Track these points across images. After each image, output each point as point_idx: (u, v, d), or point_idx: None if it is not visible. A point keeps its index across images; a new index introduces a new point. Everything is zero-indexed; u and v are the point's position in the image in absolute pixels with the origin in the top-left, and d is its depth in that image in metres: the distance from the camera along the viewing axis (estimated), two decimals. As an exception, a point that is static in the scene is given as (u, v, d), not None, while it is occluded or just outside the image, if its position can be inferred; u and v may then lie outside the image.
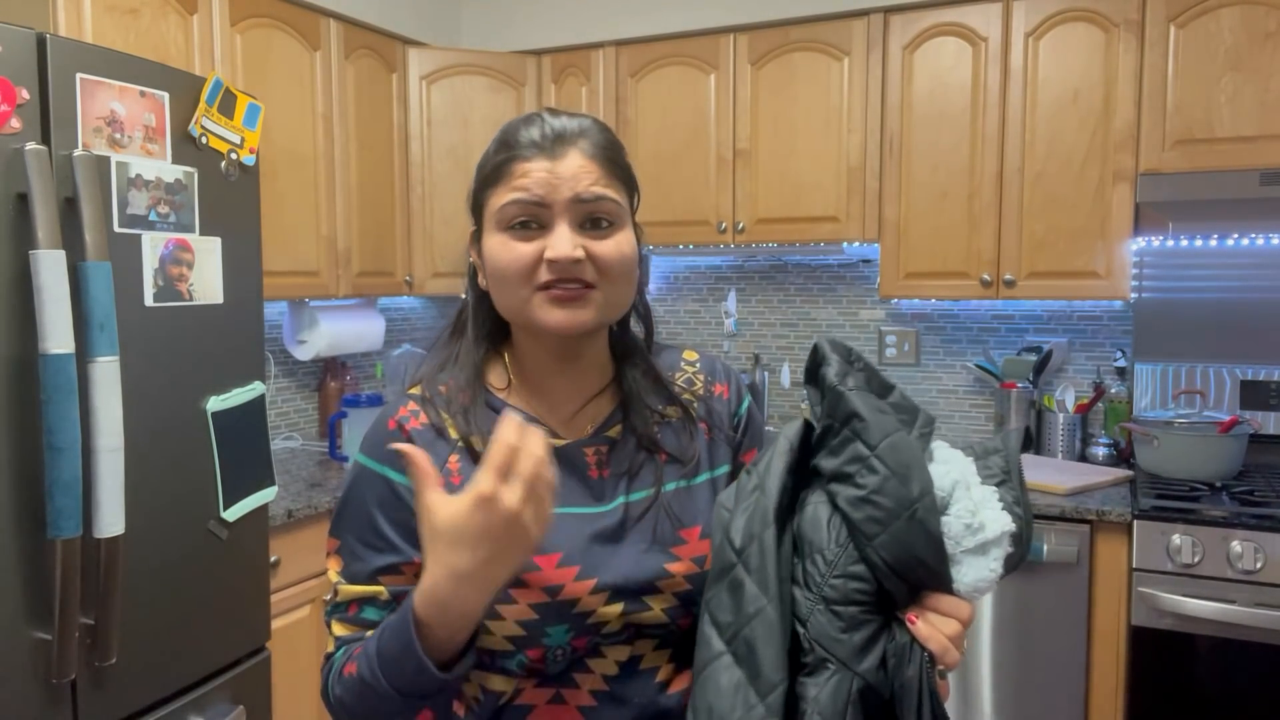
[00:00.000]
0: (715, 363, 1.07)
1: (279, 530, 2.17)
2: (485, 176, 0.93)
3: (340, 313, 2.97)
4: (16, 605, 1.50)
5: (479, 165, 0.95)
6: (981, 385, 2.99)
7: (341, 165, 2.73)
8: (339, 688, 0.89)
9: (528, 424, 0.75)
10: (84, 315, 1.52)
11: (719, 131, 2.91)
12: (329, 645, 0.95)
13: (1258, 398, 2.58)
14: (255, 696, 2.00)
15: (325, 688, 0.93)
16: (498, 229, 0.91)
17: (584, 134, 0.91)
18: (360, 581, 0.92)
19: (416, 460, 0.78)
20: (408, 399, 0.97)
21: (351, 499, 0.94)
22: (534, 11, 3.12)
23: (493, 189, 0.92)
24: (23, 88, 1.48)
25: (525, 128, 0.92)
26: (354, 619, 0.92)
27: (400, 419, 0.94)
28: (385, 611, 0.91)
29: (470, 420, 0.93)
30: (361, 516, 0.93)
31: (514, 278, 0.89)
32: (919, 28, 2.66)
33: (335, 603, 0.94)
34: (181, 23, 2.21)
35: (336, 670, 0.90)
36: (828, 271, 3.17)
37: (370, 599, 0.92)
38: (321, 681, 0.94)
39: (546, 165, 0.89)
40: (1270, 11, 2.32)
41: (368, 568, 0.92)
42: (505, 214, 0.90)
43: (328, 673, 0.92)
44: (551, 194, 0.89)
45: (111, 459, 1.55)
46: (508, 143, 0.92)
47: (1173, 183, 2.40)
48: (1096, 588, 2.27)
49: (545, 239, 0.89)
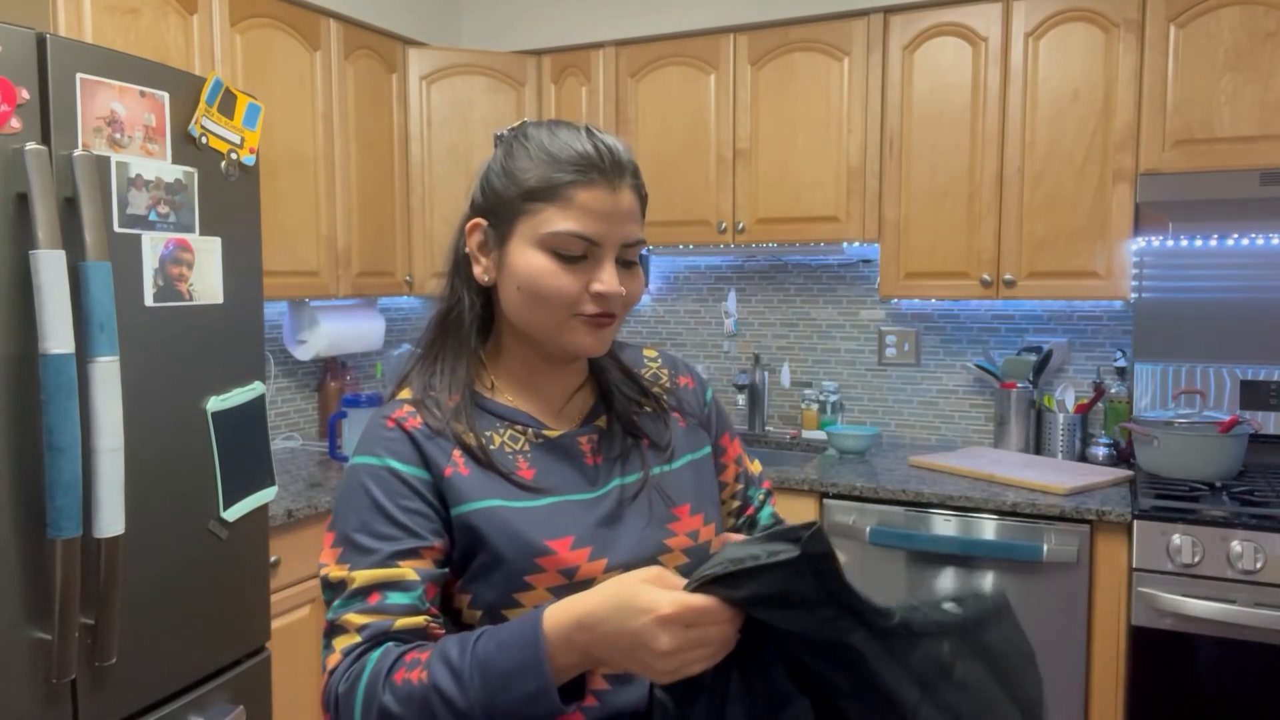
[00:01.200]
0: (674, 358, 1.15)
1: (279, 530, 2.17)
2: (534, 189, 0.93)
3: (340, 313, 2.97)
4: (16, 605, 1.50)
5: (514, 171, 0.95)
6: (981, 385, 2.99)
7: (341, 165, 2.73)
8: (387, 695, 0.82)
9: None
10: (84, 315, 1.52)
11: (719, 131, 2.91)
12: (339, 641, 0.88)
13: (1258, 398, 2.58)
14: (255, 696, 2.00)
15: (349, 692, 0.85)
16: (543, 249, 0.93)
17: (632, 168, 0.96)
18: (377, 568, 0.89)
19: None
20: (400, 403, 0.98)
21: (354, 495, 0.93)
22: (534, 11, 3.12)
23: (543, 205, 0.92)
24: (23, 88, 1.48)
25: (575, 141, 0.93)
26: (377, 606, 0.87)
27: (399, 419, 0.96)
28: (414, 597, 0.88)
29: (465, 420, 0.96)
30: (368, 509, 0.91)
31: (558, 303, 0.93)
32: (919, 28, 2.66)
33: (350, 593, 0.88)
34: (181, 23, 2.21)
35: (380, 674, 0.84)
36: (828, 271, 3.17)
37: (394, 583, 0.88)
38: (341, 683, 0.86)
39: (608, 197, 0.92)
40: (1270, 11, 2.32)
41: (382, 554, 0.89)
42: (560, 240, 0.92)
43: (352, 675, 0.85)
44: (608, 235, 0.92)
45: (111, 459, 1.55)
46: (561, 159, 0.92)
47: (1173, 183, 2.41)
48: (1096, 588, 2.27)
49: (590, 270, 0.93)
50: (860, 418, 3.15)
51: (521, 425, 0.99)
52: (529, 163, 0.94)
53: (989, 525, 2.35)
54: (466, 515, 0.92)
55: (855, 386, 3.16)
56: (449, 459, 0.93)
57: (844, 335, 3.16)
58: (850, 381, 3.16)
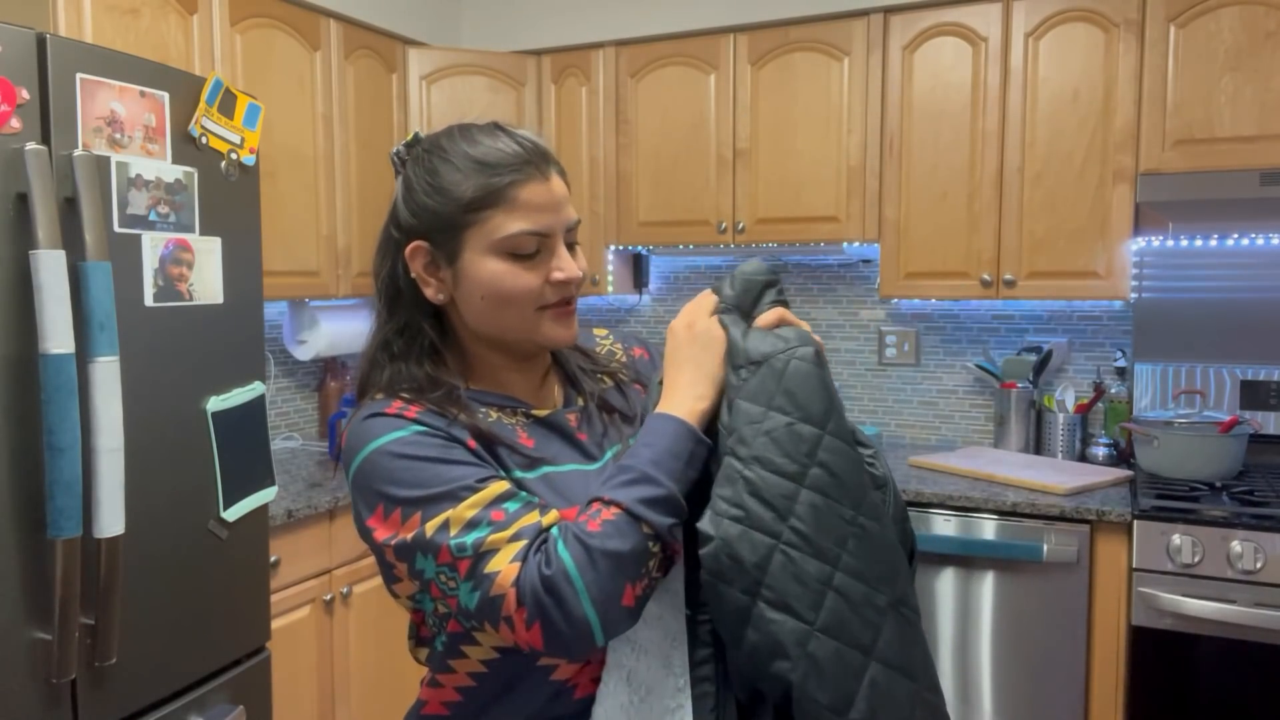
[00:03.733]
0: (624, 333, 1.20)
1: (279, 530, 2.17)
2: (474, 199, 0.92)
3: (340, 313, 2.97)
4: (16, 605, 1.50)
5: (445, 186, 0.93)
6: (981, 385, 2.99)
7: (341, 165, 2.73)
8: (598, 540, 0.82)
9: None
10: (84, 315, 1.52)
11: (719, 131, 2.91)
12: (498, 559, 0.83)
13: (1258, 398, 2.58)
14: (255, 696, 2.00)
15: (557, 569, 0.82)
16: (498, 254, 0.93)
17: (551, 152, 0.98)
18: (470, 495, 0.86)
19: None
20: (387, 400, 0.94)
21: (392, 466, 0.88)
22: (534, 11, 3.12)
23: (489, 211, 0.92)
24: (23, 88, 1.48)
25: (497, 144, 0.94)
26: (509, 519, 0.86)
27: (398, 408, 0.92)
28: (528, 505, 0.87)
29: (457, 404, 0.94)
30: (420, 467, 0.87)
31: (524, 301, 0.94)
32: (919, 28, 2.66)
33: (464, 524, 0.85)
34: (181, 23, 2.21)
35: (576, 535, 0.83)
36: (828, 271, 3.17)
37: (499, 497, 0.87)
38: (539, 569, 0.82)
39: (545, 189, 0.94)
40: (1270, 11, 2.32)
41: (465, 483, 0.87)
42: (515, 242, 0.93)
43: (547, 556, 0.83)
44: (555, 224, 0.95)
45: (111, 459, 1.55)
46: (488, 163, 0.92)
47: (1173, 183, 2.41)
48: (1096, 588, 2.27)
49: (545, 262, 0.95)
50: (860, 418, 3.15)
51: (510, 407, 1.00)
52: (458, 175, 0.93)
53: (989, 525, 2.35)
54: None
55: (855, 386, 3.16)
56: (464, 432, 0.92)
57: (844, 335, 3.16)
58: (850, 381, 3.16)
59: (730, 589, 0.81)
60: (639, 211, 3.03)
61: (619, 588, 0.83)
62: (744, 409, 0.85)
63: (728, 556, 0.81)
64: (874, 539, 0.85)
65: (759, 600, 0.80)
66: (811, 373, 0.86)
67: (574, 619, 0.82)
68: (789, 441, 0.83)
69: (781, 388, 0.85)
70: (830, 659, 0.80)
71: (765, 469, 0.82)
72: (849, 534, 0.83)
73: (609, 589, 0.82)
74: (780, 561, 0.81)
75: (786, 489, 0.82)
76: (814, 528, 0.82)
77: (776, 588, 0.80)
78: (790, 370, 0.85)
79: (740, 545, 0.81)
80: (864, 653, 0.82)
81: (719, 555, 0.81)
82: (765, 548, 0.81)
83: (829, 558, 0.82)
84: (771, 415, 0.84)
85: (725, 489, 0.83)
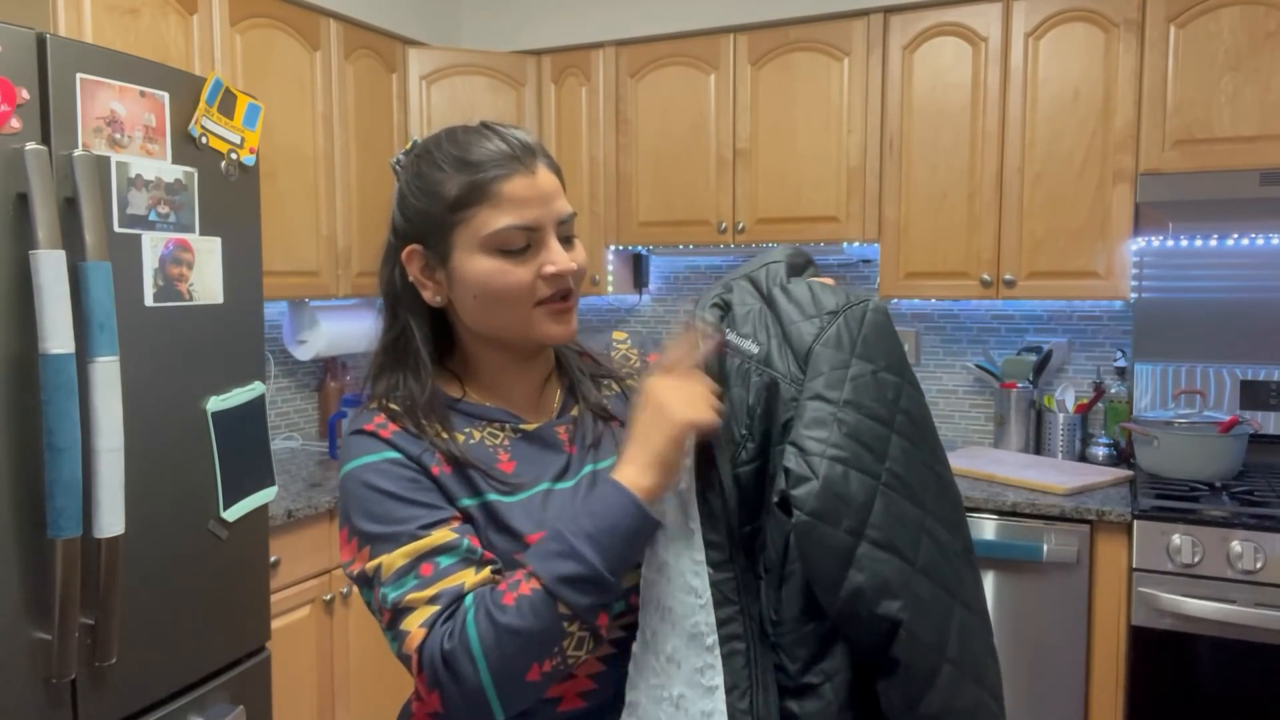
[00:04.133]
0: (643, 337, 1.17)
1: (279, 530, 2.17)
2: (458, 198, 0.92)
3: (340, 313, 2.97)
4: (16, 605, 1.50)
5: (431, 187, 0.94)
6: (981, 385, 2.99)
7: (341, 165, 2.73)
8: (506, 617, 0.82)
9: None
10: (84, 315, 1.52)
11: (719, 131, 2.91)
12: (411, 620, 0.85)
13: (1258, 398, 2.58)
14: (255, 696, 2.00)
15: (460, 642, 0.83)
16: (487, 251, 0.92)
17: (540, 146, 0.96)
18: (409, 543, 0.87)
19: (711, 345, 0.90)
20: (374, 413, 0.96)
21: (360, 493, 0.91)
22: (534, 11, 3.12)
23: (474, 208, 0.92)
24: (23, 88, 1.48)
25: (482, 141, 0.94)
26: (435, 576, 0.86)
27: (376, 425, 0.95)
28: (463, 552, 0.87)
29: (440, 423, 0.95)
30: (380, 500, 0.90)
31: (517, 298, 0.93)
32: (919, 28, 2.66)
33: (395, 573, 0.86)
34: (181, 23, 2.21)
35: (487, 607, 0.83)
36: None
37: (435, 549, 0.87)
38: (442, 643, 0.83)
39: (530, 182, 0.93)
40: (1270, 11, 2.32)
41: (409, 531, 0.88)
42: (502, 238, 0.92)
43: (454, 629, 0.83)
44: (542, 217, 0.93)
45: (111, 459, 1.55)
46: (471, 161, 0.92)
47: (1173, 183, 2.40)
48: (1096, 588, 2.27)
49: (536, 257, 0.93)
50: (860, 418, 3.15)
51: (500, 422, 1.00)
52: (443, 174, 0.93)
53: (989, 525, 2.35)
54: (462, 510, 0.93)
55: (855, 386, 3.15)
56: (434, 459, 0.93)
57: (844, 335, 3.16)
58: (850, 381, 3.16)
59: (834, 530, 0.80)
60: (639, 211, 3.03)
61: (523, 667, 0.83)
62: (826, 355, 0.85)
63: (835, 496, 0.80)
64: (947, 487, 0.87)
65: (863, 540, 0.80)
66: (886, 324, 0.88)
67: (470, 693, 0.82)
68: (875, 388, 0.84)
69: (861, 336, 0.86)
70: (930, 599, 0.81)
71: (860, 412, 0.82)
72: (930, 479, 0.85)
73: (512, 668, 0.82)
74: (883, 502, 0.81)
75: (880, 432, 0.83)
76: (906, 470, 0.83)
77: (882, 527, 0.80)
78: (868, 320, 0.87)
79: (847, 484, 0.80)
80: (950, 594, 0.83)
81: (825, 494, 0.80)
82: (869, 488, 0.81)
83: (919, 501, 0.83)
84: (856, 362, 0.84)
85: (817, 431, 0.82)
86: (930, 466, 0.85)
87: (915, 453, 0.84)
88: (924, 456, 0.85)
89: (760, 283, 0.94)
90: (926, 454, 0.85)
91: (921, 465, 0.84)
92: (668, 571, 0.89)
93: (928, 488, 0.84)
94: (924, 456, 0.85)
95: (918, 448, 0.84)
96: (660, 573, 0.90)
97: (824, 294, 0.89)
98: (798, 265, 0.96)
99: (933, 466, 0.86)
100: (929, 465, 0.85)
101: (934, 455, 0.87)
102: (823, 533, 0.80)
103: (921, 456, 0.85)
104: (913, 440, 0.84)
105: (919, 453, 0.84)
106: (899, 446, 0.83)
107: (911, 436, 0.84)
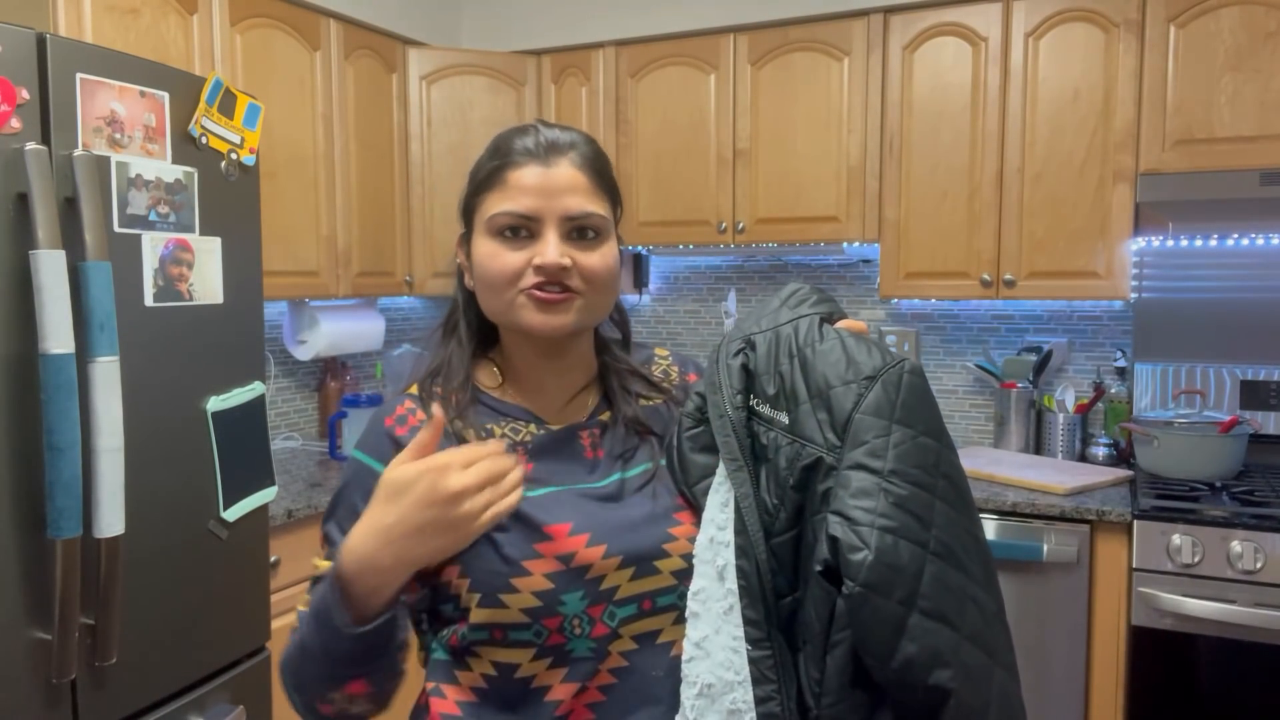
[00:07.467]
0: (684, 356, 1.17)
1: (279, 530, 2.17)
2: (479, 182, 0.98)
3: (340, 313, 2.97)
4: (16, 605, 1.50)
5: (472, 172, 1.00)
6: (981, 385, 2.99)
7: (341, 165, 2.73)
8: (284, 653, 0.93)
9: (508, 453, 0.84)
10: (84, 315, 1.52)
11: (719, 131, 2.91)
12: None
13: (1258, 398, 2.58)
14: (255, 696, 2.00)
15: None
16: (488, 235, 0.96)
17: (574, 145, 0.98)
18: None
19: (432, 428, 0.84)
20: (405, 398, 1.01)
21: (344, 492, 0.98)
22: (534, 11, 3.12)
23: (485, 195, 0.97)
24: (23, 88, 1.48)
25: (519, 136, 0.98)
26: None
27: (398, 417, 0.99)
28: None
29: (466, 418, 0.98)
30: (349, 508, 0.96)
31: (500, 283, 0.95)
32: (919, 28, 2.66)
33: (314, 579, 0.95)
34: (181, 23, 2.21)
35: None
36: (828, 271, 3.17)
37: None
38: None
39: (540, 171, 0.94)
40: (1270, 11, 2.32)
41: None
42: (496, 222, 0.95)
43: None
44: (543, 209, 0.94)
45: (111, 459, 1.55)
46: (501, 150, 0.97)
47: (1173, 183, 2.41)
48: (1096, 588, 2.27)
49: (534, 246, 0.94)
50: (860, 418, 3.15)
51: (523, 420, 1.01)
52: (480, 162, 0.99)
53: (989, 525, 2.35)
54: None
55: (855, 386, 3.15)
56: None
57: (844, 335, 3.16)
58: (850, 381, 3.16)
59: (886, 601, 0.80)
60: (639, 211, 3.03)
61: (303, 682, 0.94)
62: (867, 423, 0.84)
63: (887, 566, 0.79)
64: (984, 549, 0.87)
65: (914, 610, 0.80)
66: (923, 385, 0.87)
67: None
68: (917, 454, 0.83)
69: (900, 400, 0.85)
70: (975, 666, 0.81)
71: (905, 480, 0.82)
72: (970, 543, 0.85)
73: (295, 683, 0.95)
74: (932, 571, 0.81)
75: (925, 499, 0.82)
76: (950, 537, 0.83)
77: (931, 596, 0.80)
78: (905, 384, 0.86)
79: (898, 554, 0.80)
80: (991, 658, 0.83)
81: (878, 565, 0.79)
82: (919, 557, 0.81)
83: (962, 566, 0.83)
84: (896, 428, 0.84)
85: (864, 500, 0.81)
86: (969, 530, 0.85)
87: (957, 518, 0.84)
88: (964, 521, 0.85)
89: (790, 340, 0.93)
90: (965, 518, 0.85)
91: (963, 530, 0.84)
92: (706, 646, 0.89)
93: (969, 552, 0.84)
94: (964, 521, 0.85)
95: (959, 512, 0.85)
96: (699, 648, 0.90)
97: (859, 352, 0.88)
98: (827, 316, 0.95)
99: (971, 530, 0.86)
100: (968, 529, 0.85)
101: (971, 518, 0.87)
102: (876, 604, 0.79)
103: (962, 521, 0.85)
104: (954, 505, 0.84)
105: (960, 518, 0.85)
106: (943, 513, 0.83)
107: (953, 501, 0.84)
